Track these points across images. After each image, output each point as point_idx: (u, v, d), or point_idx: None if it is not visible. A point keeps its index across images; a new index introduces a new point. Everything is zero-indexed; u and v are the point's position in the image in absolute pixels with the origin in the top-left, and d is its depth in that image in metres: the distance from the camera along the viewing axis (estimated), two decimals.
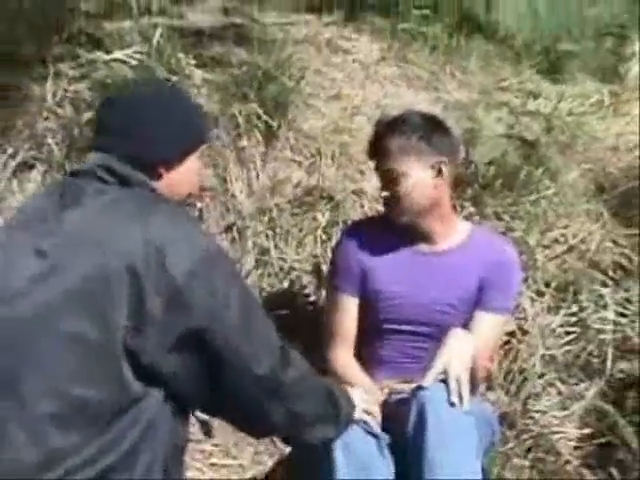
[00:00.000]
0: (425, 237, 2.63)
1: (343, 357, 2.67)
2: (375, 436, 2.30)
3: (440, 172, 2.56)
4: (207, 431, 2.16)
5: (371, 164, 2.72)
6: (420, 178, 2.55)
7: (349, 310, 2.68)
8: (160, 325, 1.79)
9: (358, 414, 2.25)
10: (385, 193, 2.59)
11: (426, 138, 2.55)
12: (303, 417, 2.03)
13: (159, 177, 1.97)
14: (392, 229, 2.62)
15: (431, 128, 2.58)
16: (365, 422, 2.28)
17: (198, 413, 2.08)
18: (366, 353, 2.69)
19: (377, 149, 2.62)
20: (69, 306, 1.78)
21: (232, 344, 1.85)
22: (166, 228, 1.83)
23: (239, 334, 1.86)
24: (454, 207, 2.79)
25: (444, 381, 2.27)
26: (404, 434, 2.27)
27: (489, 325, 2.59)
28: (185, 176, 2.02)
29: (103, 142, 1.97)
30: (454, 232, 2.65)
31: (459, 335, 2.38)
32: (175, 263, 1.79)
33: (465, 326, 2.52)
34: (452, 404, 2.22)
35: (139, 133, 1.95)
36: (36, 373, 1.78)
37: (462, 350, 2.32)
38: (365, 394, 2.35)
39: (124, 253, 1.78)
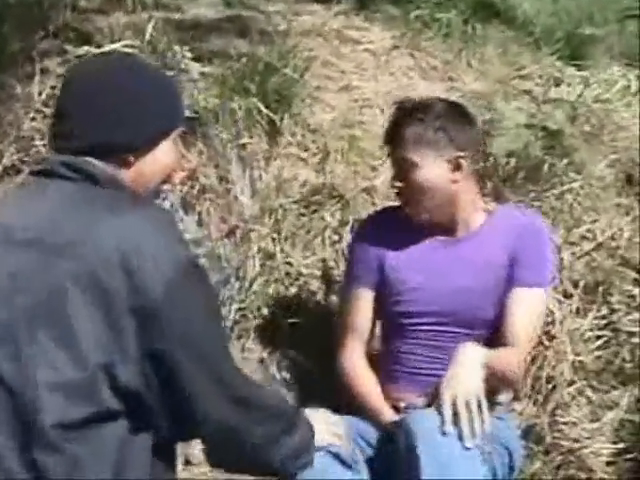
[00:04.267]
0: (445, 227, 2.57)
1: (353, 358, 2.62)
2: (338, 457, 2.21)
3: (459, 167, 2.49)
4: None
5: (385, 153, 2.69)
6: (435, 172, 2.47)
7: (364, 303, 2.62)
8: (132, 344, 1.65)
9: (324, 438, 2.14)
10: (398, 183, 2.53)
11: (445, 129, 2.49)
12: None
13: (128, 166, 1.80)
14: (410, 218, 2.56)
15: (453, 118, 2.52)
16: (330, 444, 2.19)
17: None
18: (385, 354, 2.62)
19: (392, 135, 2.56)
20: (31, 328, 1.64)
21: (196, 376, 1.72)
22: (140, 233, 1.67)
23: (205, 365, 1.73)
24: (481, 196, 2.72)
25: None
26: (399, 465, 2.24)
27: (527, 302, 2.51)
28: (157, 164, 1.84)
29: (63, 132, 1.79)
30: (477, 216, 2.59)
31: (467, 352, 2.31)
32: (150, 273, 1.63)
33: (499, 309, 2.50)
34: (444, 433, 2.16)
35: (101, 118, 1.77)
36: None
37: (471, 373, 2.26)
38: (333, 416, 2.25)
39: (91, 260, 1.63)
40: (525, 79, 3.96)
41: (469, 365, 2.28)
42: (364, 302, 2.62)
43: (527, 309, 2.51)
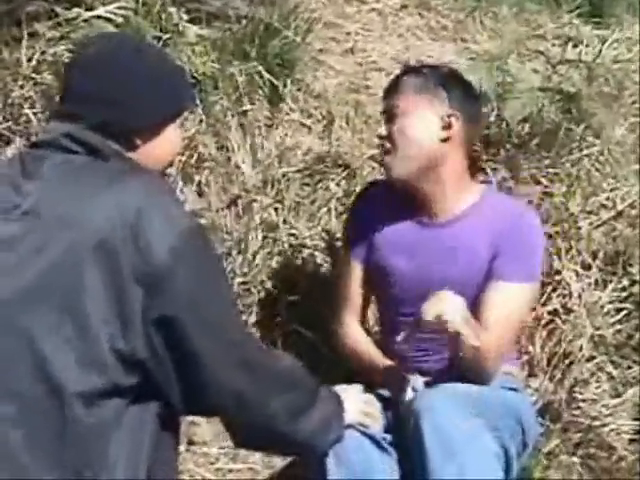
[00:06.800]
0: (427, 205, 2.50)
1: (350, 327, 2.61)
2: (372, 438, 2.22)
3: (449, 126, 2.43)
4: None
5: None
6: (424, 123, 2.43)
7: (357, 273, 2.61)
8: (138, 315, 1.69)
9: (355, 417, 2.17)
10: (382, 132, 2.50)
11: (445, 87, 2.47)
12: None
13: (134, 148, 1.86)
14: (398, 196, 2.52)
15: (454, 80, 2.52)
16: (362, 425, 2.20)
17: None
18: (383, 344, 2.59)
19: (390, 86, 2.55)
20: (33, 304, 1.67)
21: (205, 341, 1.75)
22: (143, 199, 1.72)
23: (213, 330, 1.77)
24: (472, 173, 2.64)
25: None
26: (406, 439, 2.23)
27: (505, 295, 2.41)
28: (163, 147, 1.91)
29: (71, 108, 1.84)
30: (462, 199, 2.50)
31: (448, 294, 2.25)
32: (155, 239, 1.69)
33: (477, 303, 2.40)
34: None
35: (113, 99, 1.83)
36: None
37: (456, 299, 2.21)
38: (363, 393, 2.30)
39: (95, 229, 1.67)
40: (541, 39, 3.90)
41: (454, 298, 2.23)
42: (357, 272, 2.60)
43: (504, 302, 2.40)
